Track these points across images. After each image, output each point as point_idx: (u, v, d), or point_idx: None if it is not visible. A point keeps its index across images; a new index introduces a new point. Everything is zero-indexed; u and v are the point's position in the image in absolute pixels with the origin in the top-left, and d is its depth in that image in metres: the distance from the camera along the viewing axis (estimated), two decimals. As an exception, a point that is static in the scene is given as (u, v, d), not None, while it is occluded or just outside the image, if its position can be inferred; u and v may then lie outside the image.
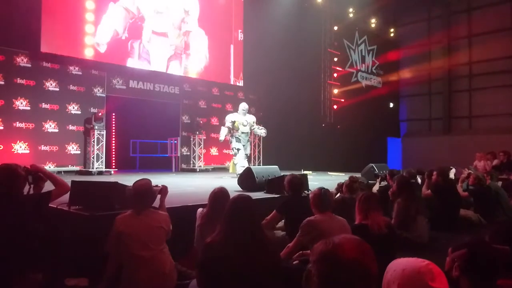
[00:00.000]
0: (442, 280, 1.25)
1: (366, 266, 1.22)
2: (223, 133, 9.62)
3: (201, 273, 2.49)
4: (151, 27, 11.03)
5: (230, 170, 10.12)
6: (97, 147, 10.21)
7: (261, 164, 12.54)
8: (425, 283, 1.22)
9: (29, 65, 9.65)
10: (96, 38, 10.30)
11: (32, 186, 3.11)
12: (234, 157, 9.65)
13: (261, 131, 9.93)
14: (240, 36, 13.90)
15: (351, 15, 15.45)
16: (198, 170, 12.18)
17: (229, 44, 13.53)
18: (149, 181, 3.25)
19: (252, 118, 9.87)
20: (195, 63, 12.29)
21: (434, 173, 6.21)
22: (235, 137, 9.55)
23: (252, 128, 9.78)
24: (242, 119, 9.60)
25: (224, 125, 9.75)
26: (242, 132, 9.55)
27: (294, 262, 3.33)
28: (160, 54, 11.40)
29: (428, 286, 1.22)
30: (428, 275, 1.23)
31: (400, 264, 1.29)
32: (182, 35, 11.75)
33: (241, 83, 13.79)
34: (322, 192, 3.48)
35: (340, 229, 3.20)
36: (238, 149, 9.45)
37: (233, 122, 9.51)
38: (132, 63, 11.02)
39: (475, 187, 6.47)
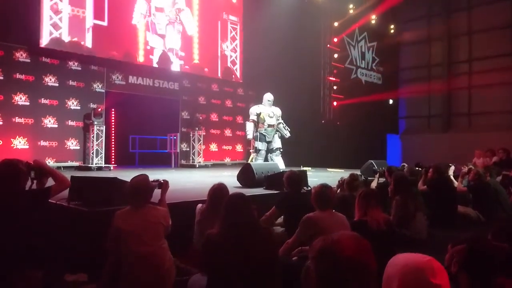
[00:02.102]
0: (443, 277, 1.24)
1: (364, 263, 1.23)
2: (250, 129, 9.04)
3: (204, 262, 2.58)
4: (154, 4, 11.88)
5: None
6: (97, 142, 10.20)
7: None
8: (426, 279, 1.21)
9: (28, 60, 9.63)
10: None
11: (35, 182, 3.11)
12: (253, 154, 9.22)
13: (286, 132, 9.35)
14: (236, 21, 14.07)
15: (351, 11, 15.40)
16: (197, 166, 12.19)
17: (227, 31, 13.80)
18: (146, 177, 3.23)
19: (278, 111, 9.36)
20: (186, 25, 12.60)
21: (430, 169, 6.24)
22: (260, 134, 9.01)
23: (278, 122, 9.27)
24: (268, 110, 9.09)
25: (248, 119, 9.24)
26: (269, 125, 9.04)
27: (293, 258, 3.34)
28: (160, 22, 12.00)
29: (429, 283, 1.20)
30: (429, 271, 1.22)
31: (401, 260, 1.28)
32: (175, 11, 12.32)
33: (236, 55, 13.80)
34: (323, 190, 3.46)
35: (339, 226, 3.21)
36: (259, 150, 9.03)
37: (258, 115, 9.03)
38: (149, 35, 11.66)
39: (475, 183, 6.48)
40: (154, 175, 4.28)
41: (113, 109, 11.69)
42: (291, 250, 3.36)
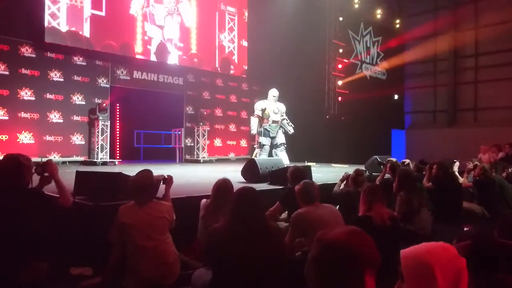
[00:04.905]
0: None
1: (353, 248, 1.24)
2: (254, 124, 9.00)
3: (208, 257, 2.60)
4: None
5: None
6: (102, 137, 10.24)
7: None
8: (458, 257, 1.26)
9: (34, 55, 9.66)
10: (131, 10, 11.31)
11: (39, 177, 3.14)
12: (257, 149, 9.21)
13: (290, 128, 9.32)
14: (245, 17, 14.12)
15: (356, 5, 15.30)
16: (201, 161, 12.21)
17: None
18: (150, 174, 3.23)
19: (283, 107, 9.31)
20: (184, 16, 12.57)
21: (434, 166, 6.20)
22: (264, 129, 8.97)
23: (282, 117, 9.24)
24: (273, 106, 9.03)
25: (253, 114, 9.19)
26: (273, 121, 9.00)
27: (297, 254, 3.36)
28: (158, 13, 12.02)
29: (461, 260, 1.26)
30: (454, 250, 1.28)
31: (427, 248, 1.30)
32: (173, 2, 12.29)
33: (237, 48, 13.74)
34: (305, 185, 3.51)
35: (329, 215, 3.26)
36: (263, 145, 9.02)
37: (263, 110, 8.98)
38: (147, 25, 11.66)
39: (480, 178, 6.45)
40: (159, 170, 4.30)
41: (118, 104, 11.71)
42: (288, 248, 3.37)
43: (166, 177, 3.65)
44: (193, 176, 7.55)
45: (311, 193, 3.46)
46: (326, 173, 8.07)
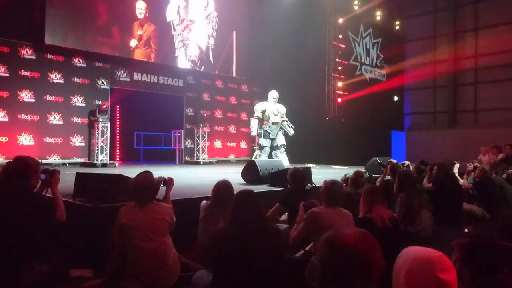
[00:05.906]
0: (451, 273, 1.25)
1: (364, 253, 1.24)
2: (254, 126, 9.04)
3: (209, 259, 2.61)
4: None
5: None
6: (102, 139, 10.24)
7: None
8: (433, 273, 1.22)
9: (34, 57, 9.68)
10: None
11: (40, 181, 3.15)
12: (257, 151, 9.21)
13: (290, 129, 9.35)
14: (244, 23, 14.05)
15: (356, 7, 15.32)
16: (201, 162, 12.20)
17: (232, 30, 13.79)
18: (150, 175, 3.23)
19: (283, 108, 9.33)
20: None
21: (435, 167, 6.20)
22: (264, 131, 9.00)
23: (282, 119, 9.26)
24: (273, 107, 9.06)
25: (253, 116, 9.22)
26: (273, 123, 9.03)
27: (297, 255, 3.36)
28: None
29: (435, 277, 1.22)
30: (438, 265, 1.24)
31: (411, 252, 1.31)
32: None
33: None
34: (333, 187, 3.43)
35: (343, 223, 3.21)
36: (263, 146, 9.04)
37: (263, 112, 9.00)
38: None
39: (480, 180, 6.45)
40: (159, 171, 4.30)
41: (118, 106, 11.72)
42: (294, 243, 3.36)
43: (166, 178, 3.65)
44: (193, 177, 7.54)
45: (335, 196, 3.40)
46: (326, 175, 8.06)
